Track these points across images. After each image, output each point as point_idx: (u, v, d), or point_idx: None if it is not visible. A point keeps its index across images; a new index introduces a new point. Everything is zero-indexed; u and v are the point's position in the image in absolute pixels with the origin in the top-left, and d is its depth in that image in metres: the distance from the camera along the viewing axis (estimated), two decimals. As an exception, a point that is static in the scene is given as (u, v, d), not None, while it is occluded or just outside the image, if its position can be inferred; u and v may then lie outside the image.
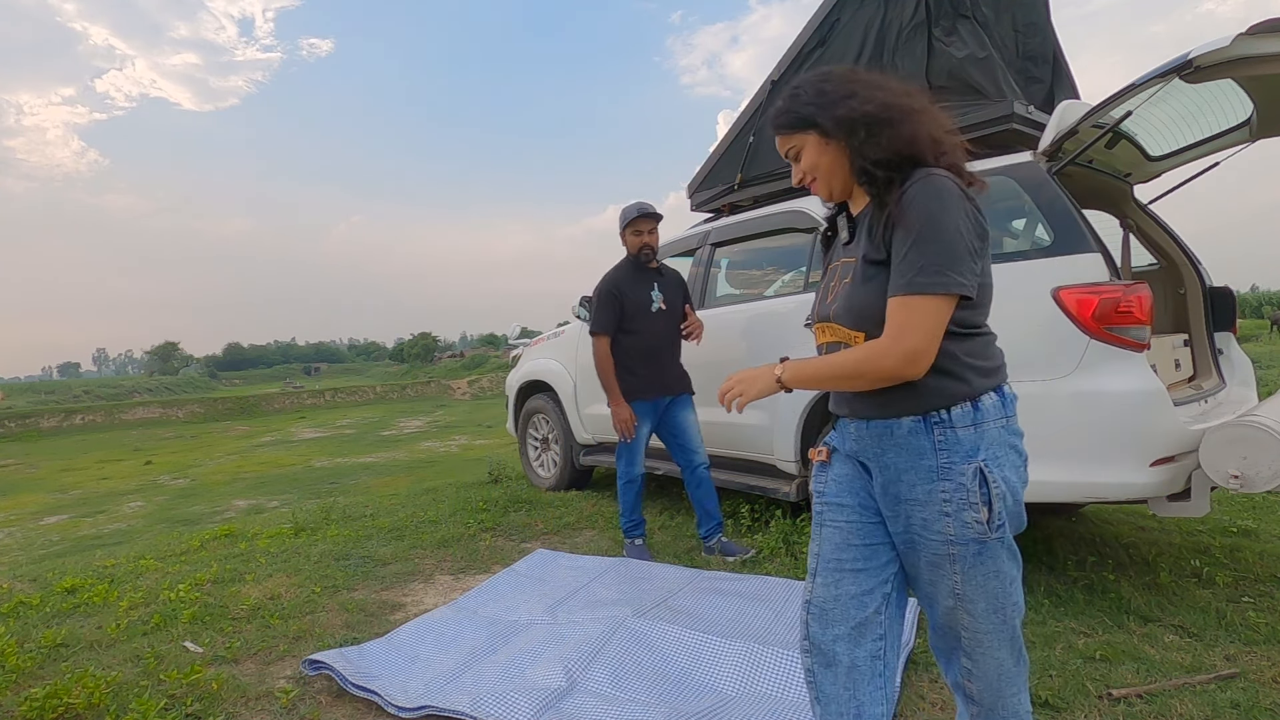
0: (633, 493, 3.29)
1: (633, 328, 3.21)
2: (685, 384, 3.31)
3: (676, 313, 3.30)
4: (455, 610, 2.68)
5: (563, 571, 3.07)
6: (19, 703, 2.00)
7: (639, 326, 3.21)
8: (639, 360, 3.21)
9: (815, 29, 3.40)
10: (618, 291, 3.22)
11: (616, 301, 3.21)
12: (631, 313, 3.21)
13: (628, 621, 2.40)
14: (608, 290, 3.24)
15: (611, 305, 3.21)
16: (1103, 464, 2.28)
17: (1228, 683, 1.91)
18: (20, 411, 25.95)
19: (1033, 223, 2.85)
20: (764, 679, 2.03)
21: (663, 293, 3.26)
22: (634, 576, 2.92)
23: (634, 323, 3.21)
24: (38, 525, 7.89)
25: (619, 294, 3.22)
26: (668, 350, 3.27)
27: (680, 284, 3.39)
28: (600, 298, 3.25)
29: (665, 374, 3.25)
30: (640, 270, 3.28)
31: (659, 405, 3.26)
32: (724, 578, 2.86)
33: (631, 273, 3.28)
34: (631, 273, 3.28)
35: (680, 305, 3.33)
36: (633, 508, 3.31)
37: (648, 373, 3.21)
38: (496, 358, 54.43)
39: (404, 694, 2.01)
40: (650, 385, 3.22)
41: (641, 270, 3.28)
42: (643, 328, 3.22)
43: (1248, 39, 1.99)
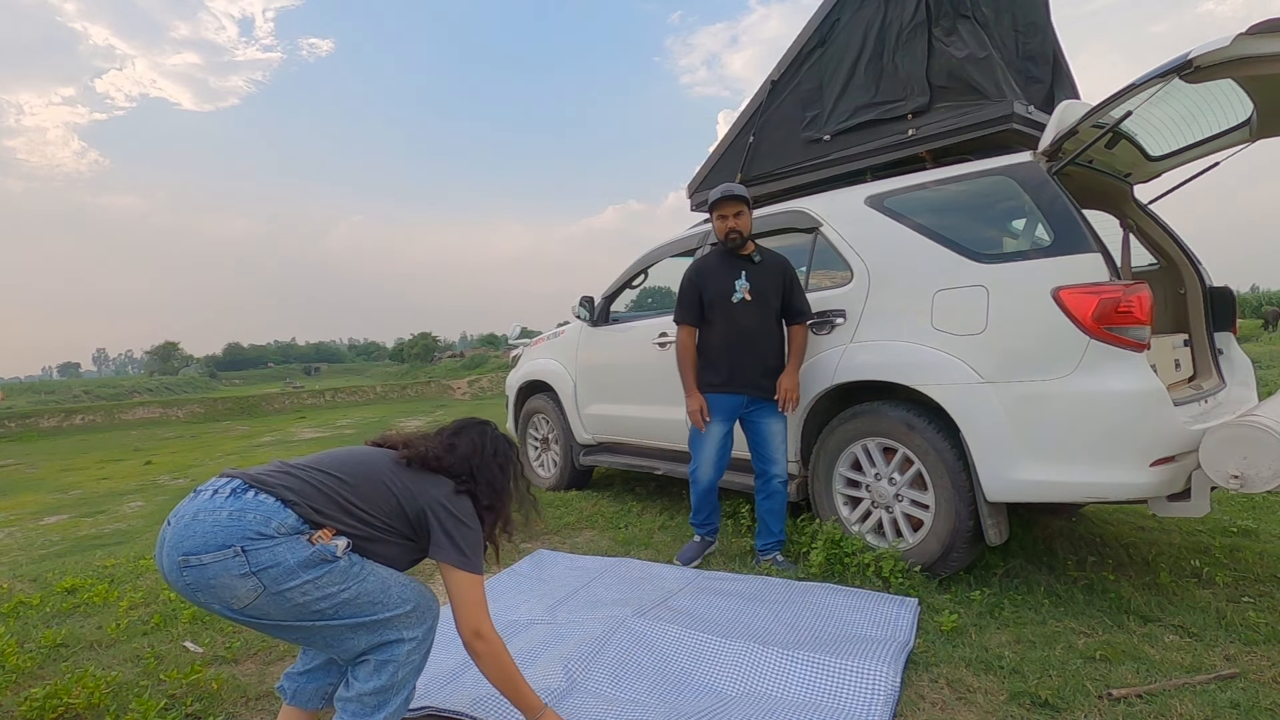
0: (698, 492, 3.10)
1: (712, 318, 3.00)
2: (774, 388, 2.98)
3: (768, 304, 2.97)
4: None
5: (562, 571, 3.05)
6: (19, 703, 2.00)
7: (717, 317, 2.98)
8: (717, 354, 2.99)
9: (815, 29, 3.40)
10: (696, 279, 3.04)
11: (694, 290, 3.02)
12: (710, 302, 2.99)
13: (628, 621, 2.39)
14: (686, 278, 3.08)
15: (689, 293, 3.03)
16: (1103, 464, 2.28)
17: (1228, 683, 1.91)
18: (20, 411, 25.93)
19: (1033, 223, 2.85)
20: (764, 679, 2.02)
21: (750, 282, 2.95)
22: (634, 577, 2.91)
23: (713, 313, 2.99)
24: (38, 525, 7.89)
25: (697, 282, 3.03)
26: (753, 345, 2.95)
27: (779, 273, 3.00)
28: (680, 286, 3.10)
29: (746, 371, 2.95)
30: (728, 257, 3.02)
31: (736, 403, 2.99)
32: (724, 578, 2.85)
33: (716, 259, 3.06)
34: (716, 259, 3.06)
35: (775, 297, 2.98)
36: (698, 506, 3.13)
37: (726, 367, 2.96)
38: (496, 358, 54.44)
39: None
40: (729, 380, 2.97)
41: (729, 257, 3.02)
42: (721, 318, 2.98)
43: (1248, 39, 1.99)
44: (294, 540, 1.41)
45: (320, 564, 1.41)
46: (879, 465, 2.87)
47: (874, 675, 1.94)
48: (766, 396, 2.97)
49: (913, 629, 2.27)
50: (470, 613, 1.55)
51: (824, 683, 1.97)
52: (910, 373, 2.67)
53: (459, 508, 1.60)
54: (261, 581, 1.36)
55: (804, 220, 3.20)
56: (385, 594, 1.51)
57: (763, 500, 3.02)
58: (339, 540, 1.46)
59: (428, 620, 1.60)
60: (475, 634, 1.55)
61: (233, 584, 1.36)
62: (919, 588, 2.58)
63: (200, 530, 1.37)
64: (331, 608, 1.43)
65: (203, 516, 1.39)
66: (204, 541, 1.36)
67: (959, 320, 2.57)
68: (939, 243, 2.69)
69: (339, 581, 1.43)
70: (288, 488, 1.47)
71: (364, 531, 1.52)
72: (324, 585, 1.42)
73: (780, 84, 3.56)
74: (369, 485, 1.55)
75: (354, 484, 1.54)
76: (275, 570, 1.37)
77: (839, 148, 3.30)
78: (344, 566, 1.45)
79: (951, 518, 2.59)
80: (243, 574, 1.35)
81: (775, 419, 2.99)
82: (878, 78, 3.16)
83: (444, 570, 1.57)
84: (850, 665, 2.00)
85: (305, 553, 1.40)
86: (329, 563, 1.43)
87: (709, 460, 3.04)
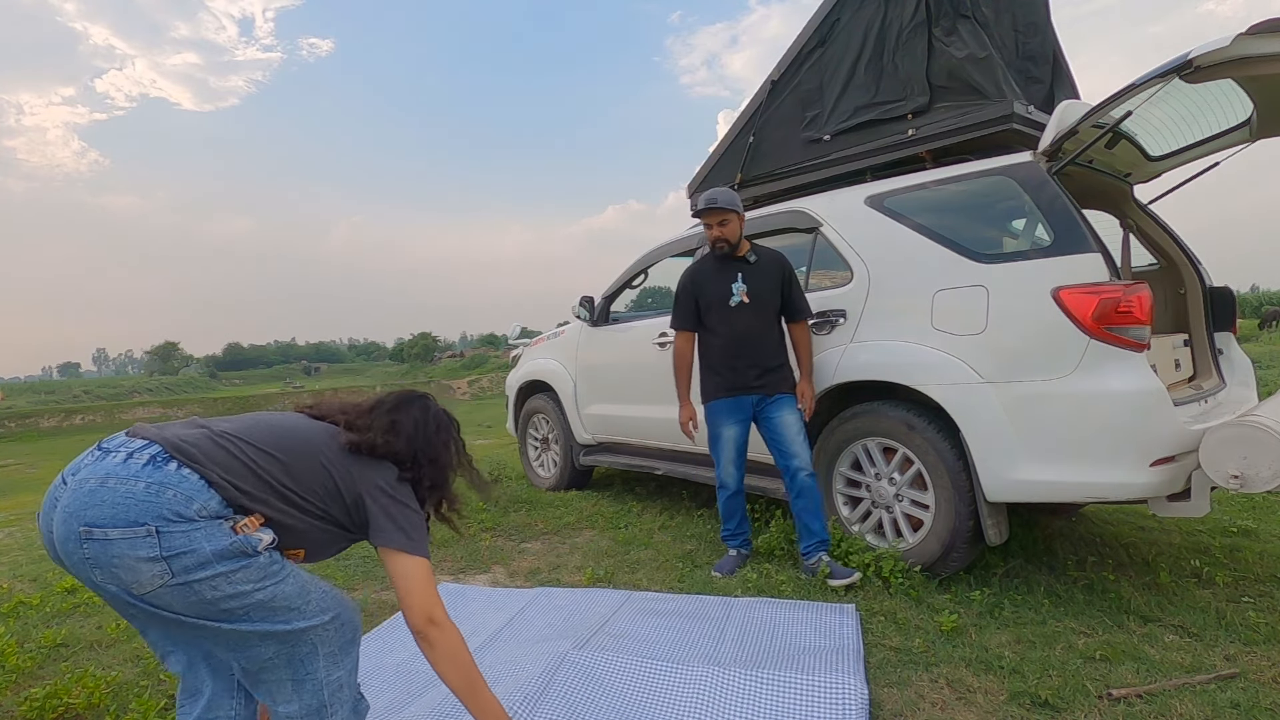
0: (723, 498, 3.02)
1: (710, 323, 2.98)
2: (780, 383, 2.94)
3: (765, 305, 2.93)
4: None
5: (477, 609, 2.72)
6: (19, 703, 2.00)
7: (715, 322, 2.96)
8: (720, 358, 2.95)
9: (815, 29, 3.41)
10: (691, 285, 3.02)
11: (689, 296, 3.01)
12: (707, 307, 2.97)
13: (569, 656, 2.17)
14: (681, 284, 3.07)
15: (684, 300, 3.02)
16: (1103, 464, 2.28)
17: (1228, 683, 1.91)
18: (20, 411, 25.92)
19: (1033, 223, 2.85)
20: (730, 704, 1.89)
21: (747, 284, 2.92)
22: (560, 605, 2.68)
23: (710, 318, 2.97)
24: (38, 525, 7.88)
25: (692, 288, 3.01)
26: (754, 346, 2.91)
27: (776, 271, 2.95)
28: (676, 292, 3.08)
29: (750, 371, 2.91)
30: (722, 261, 2.98)
31: (744, 404, 2.93)
32: (658, 598, 2.72)
33: (711, 264, 3.02)
34: (711, 264, 3.02)
35: (773, 296, 2.93)
36: (726, 515, 3.04)
37: (729, 370, 2.92)
38: (496, 358, 54.36)
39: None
40: (731, 384, 2.93)
41: (723, 261, 2.98)
42: (719, 323, 2.95)
43: (1248, 39, 2.00)
44: (214, 526, 1.24)
45: (238, 556, 1.25)
46: (879, 465, 2.87)
47: (843, 689, 1.90)
48: (774, 391, 2.92)
49: (859, 636, 2.24)
50: (420, 598, 1.39)
51: (793, 702, 1.88)
52: (910, 373, 2.67)
53: (400, 493, 1.47)
54: (170, 568, 1.20)
55: (804, 220, 3.20)
56: (304, 600, 1.34)
57: (795, 499, 2.87)
58: (264, 533, 1.31)
59: (347, 633, 1.44)
60: (428, 620, 1.38)
61: (137, 567, 1.18)
62: (919, 587, 2.58)
63: (110, 499, 1.19)
64: (241, 609, 1.27)
65: (113, 484, 1.21)
66: (113, 514, 1.18)
67: (959, 320, 2.57)
68: (939, 243, 2.69)
69: (254, 579, 1.27)
70: (215, 463, 1.30)
71: (295, 517, 1.37)
72: (237, 581, 1.25)
73: (780, 84, 3.56)
74: (304, 465, 1.40)
75: (288, 463, 1.38)
76: (187, 558, 1.21)
77: (839, 148, 3.30)
78: (263, 563, 1.29)
79: (951, 518, 2.59)
80: (151, 557, 1.19)
81: (788, 411, 2.90)
82: (878, 78, 3.16)
83: (387, 557, 1.42)
84: (817, 680, 1.95)
85: (225, 542, 1.24)
86: (248, 557, 1.27)
87: (730, 461, 2.97)
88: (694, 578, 2.94)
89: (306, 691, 1.35)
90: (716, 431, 2.98)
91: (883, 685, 1.99)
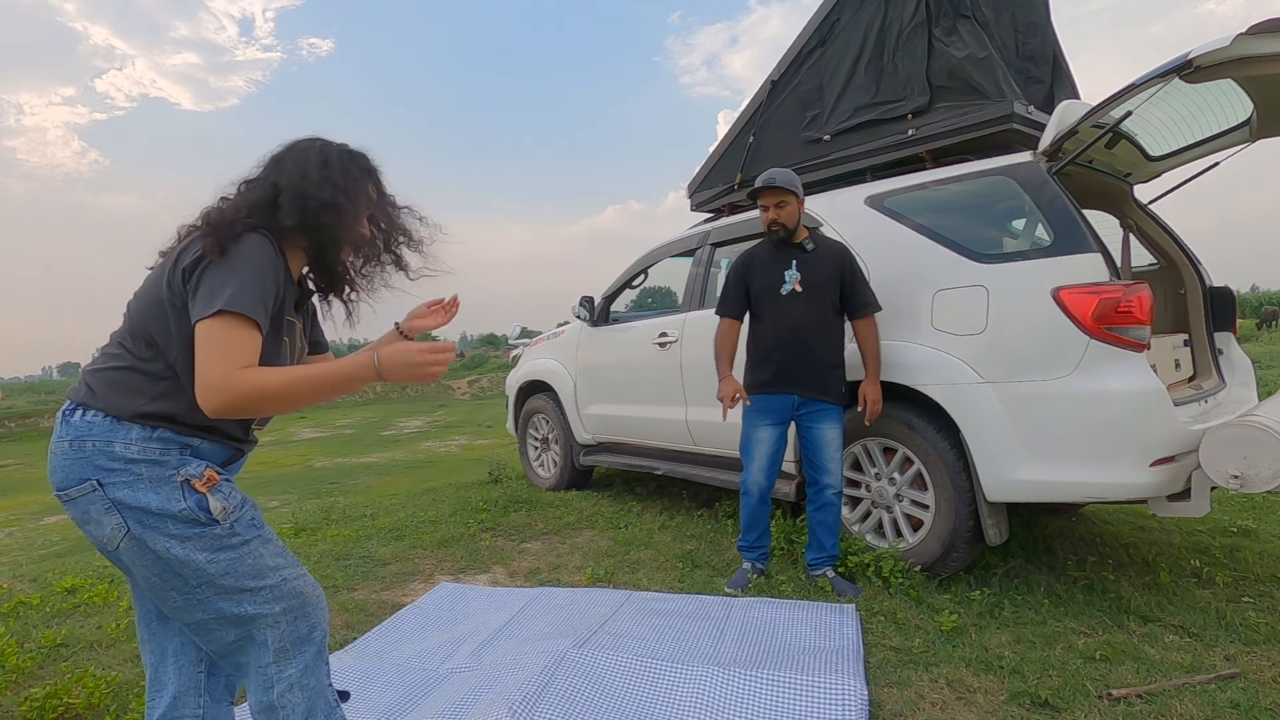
0: (748, 506, 2.82)
1: (760, 312, 2.81)
2: (829, 388, 2.73)
3: (821, 296, 2.72)
4: (356, 657, 2.32)
5: (477, 608, 2.71)
6: (19, 703, 2.00)
7: (764, 310, 2.78)
8: (767, 349, 2.77)
9: (815, 29, 3.41)
10: (743, 270, 2.85)
11: (740, 282, 2.84)
12: (758, 295, 2.80)
13: (569, 654, 2.17)
14: (732, 269, 2.91)
15: (733, 286, 2.85)
16: (1103, 464, 2.28)
17: (1228, 683, 1.91)
18: (20, 411, 25.94)
19: (1033, 223, 2.85)
20: (730, 704, 1.89)
21: (801, 272, 2.73)
22: (561, 605, 2.68)
23: (760, 306, 2.80)
24: (38, 525, 7.88)
25: (744, 273, 2.84)
26: (804, 341, 2.72)
27: (836, 261, 2.76)
28: (726, 277, 2.92)
29: (799, 369, 2.72)
30: (777, 247, 2.81)
31: (787, 404, 2.74)
32: (658, 598, 2.72)
33: (766, 249, 2.85)
34: (766, 249, 2.85)
35: (830, 288, 2.73)
36: (748, 524, 2.84)
37: (776, 364, 2.74)
38: (496, 358, 54.43)
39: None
40: (776, 379, 2.74)
41: (778, 247, 2.81)
42: (769, 312, 2.77)
43: (1248, 39, 2.00)
44: (159, 473, 1.17)
45: (190, 522, 1.18)
46: (879, 465, 2.87)
47: (843, 689, 1.91)
48: (820, 397, 2.72)
49: (859, 636, 2.25)
50: (207, 367, 1.10)
51: (793, 702, 1.88)
52: (910, 373, 2.67)
53: (229, 253, 1.17)
54: (124, 521, 1.16)
55: (804, 220, 3.20)
56: (258, 582, 1.22)
57: (814, 511, 2.77)
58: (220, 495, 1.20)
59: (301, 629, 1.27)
60: (212, 388, 1.10)
61: (100, 520, 1.17)
62: (919, 587, 2.58)
63: (56, 464, 1.19)
64: (195, 580, 1.19)
65: (55, 448, 1.20)
66: (64, 477, 1.18)
67: (959, 320, 2.57)
68: (939, 243, 2.69)
69: (207, 549, 1.18)
70: (99, 390, 1.20)
71: (165, 376, 1.20)
72: (191, 549, 1.17)
73: (780, 84, 3.56)
74: (146, 313, 1.21)
75: (134, 322, 1.23)
76: (138, 511, 1.16)
77: (839, 148, 3.30)
78: (218, 534, 1.19)
79: (951, 518, 2.59)
80: (105, 508, 1.16)
81: (830, 424, 2.72)
82: (878, 78, 3.16)
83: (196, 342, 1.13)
84: (817, 681, 1.95)
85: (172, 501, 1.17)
86: (200, 525, 1.18)
87: (760, 468, 2.77)
88: (694, 578, 2.94)
89: (255, 686, 1.25)
90: (751, 431, 2.79)
91: (883, 685, 1.99)
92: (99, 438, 1.17)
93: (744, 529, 2.87)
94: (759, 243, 2.94)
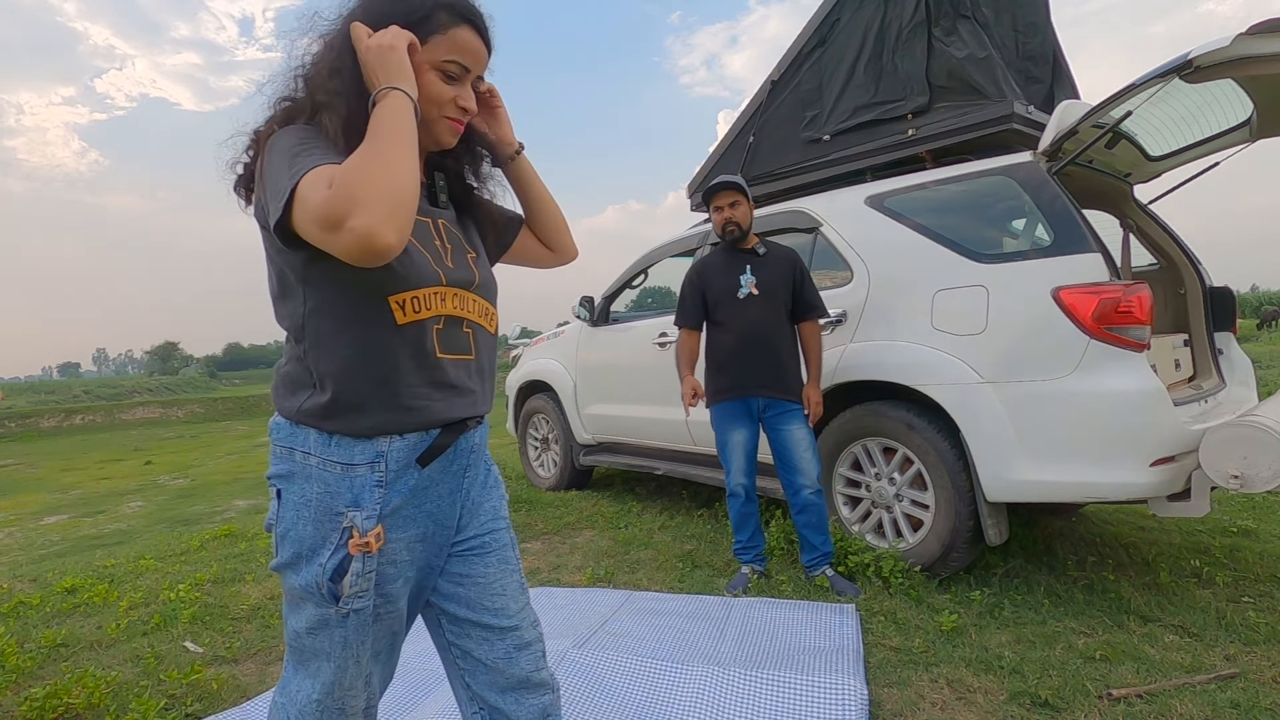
0: (734, 508, 2.86)
1: (718, 318, 2.82)
2: (791, 387, 2.77)
3: (776, 299, 2.77)
4: None
5: None
6: (19, 703, 2.00)
7: (723, 316, 2.80)
8: (726, 355, 2.80)
9: (815, 29, 3.41)
10: (697, 279, 2.87)
11: (695, 289, 2.86)
12: (715, 301, 2.81)
13: (569, 654, 2.18)
14: (687, 279, 2.92)
15: (689, 294, 2.87)
16: (1103, 464, 2.28)
17: (1228, 683, 1.91)
18: (20, 411, 25.94)
19: (1033, 223, 2.85)
20: (730, 704, 1.88)
21: (756, 276, 2.77)
22: (560, 605, 2.69)
23: (718, 312, 2.81)
24: (38, 525, 7.88)
25: (699, 283, 2.86)
26: (764, 343, 2.75)
27: (787, 266, 2.82)
28: (682, 287, 2.94)
29: (762, 370, 2.75)
30: (730, 252, 2.85)
31: (752, 407, 2.78)
32: (658, 598, 2.72)
33: (720, 256, 2.88)
34: (720, 256, 2.88)
35: (783, 291, 2.78)
36: (738, 524, 2.87)
37: (737, 369, 2.77)
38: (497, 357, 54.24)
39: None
40: (739, 383, 2.77)
41: (732, 252, 2.84)
42: (728, 317, 2.78)
43: (1248, 39, 2.00)
44: (320, 497, 0.99)
45: (311, 593, 0.98)
46: (879, 465, 2.87)
47: (843, 689, 1.91)
48: (785, 397, 2.75)
49: (859, 636, 2.25)
50: (314, 210, 0.83)
51: (793, 702, 1.88)
52: (910, 373, 2.67)
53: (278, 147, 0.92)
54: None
55: (804, 220, 3.21)
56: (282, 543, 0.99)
57: (797, 515, 2.78)
58: (355, 575, 0.97)
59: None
60: (336, 222, 0.81)
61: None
62: (919, 587, 2.58)
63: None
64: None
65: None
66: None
67: (959, 320, 2.57)
68: (939, 243, 2.69)
69: (307, 623, 1.00)
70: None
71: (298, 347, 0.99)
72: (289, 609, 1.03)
73: (780, 84, 3.56)
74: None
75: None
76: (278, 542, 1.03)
77: (839, 148, 3.30)
78: (330, 618, 0.98)
79: (951, 518, 2.59)
80: (270, 522, 1.06)
81: (797, 424, 2.75)
82: (877, 78, 3.16)
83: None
84: (817, 681, 1.95)
85: (307, 560, 0.98)
86: (321, 604, 0.98)
87: (740, 469, 2.81)
88: (694, 578, 2.94)
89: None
90: (725, 436, 2.83)
91: (883, 685, 1.99)
92: (277, 441, 1.01)
93: (735, 530, 2.90)
94: (711, 251, 3.00)
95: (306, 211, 0.84)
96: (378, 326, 0.95)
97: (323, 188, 0.83)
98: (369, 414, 0.95)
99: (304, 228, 0.85)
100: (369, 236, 0.80)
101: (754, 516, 2.89)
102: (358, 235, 0.80)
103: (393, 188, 0.84)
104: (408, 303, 0.96)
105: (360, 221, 0.80)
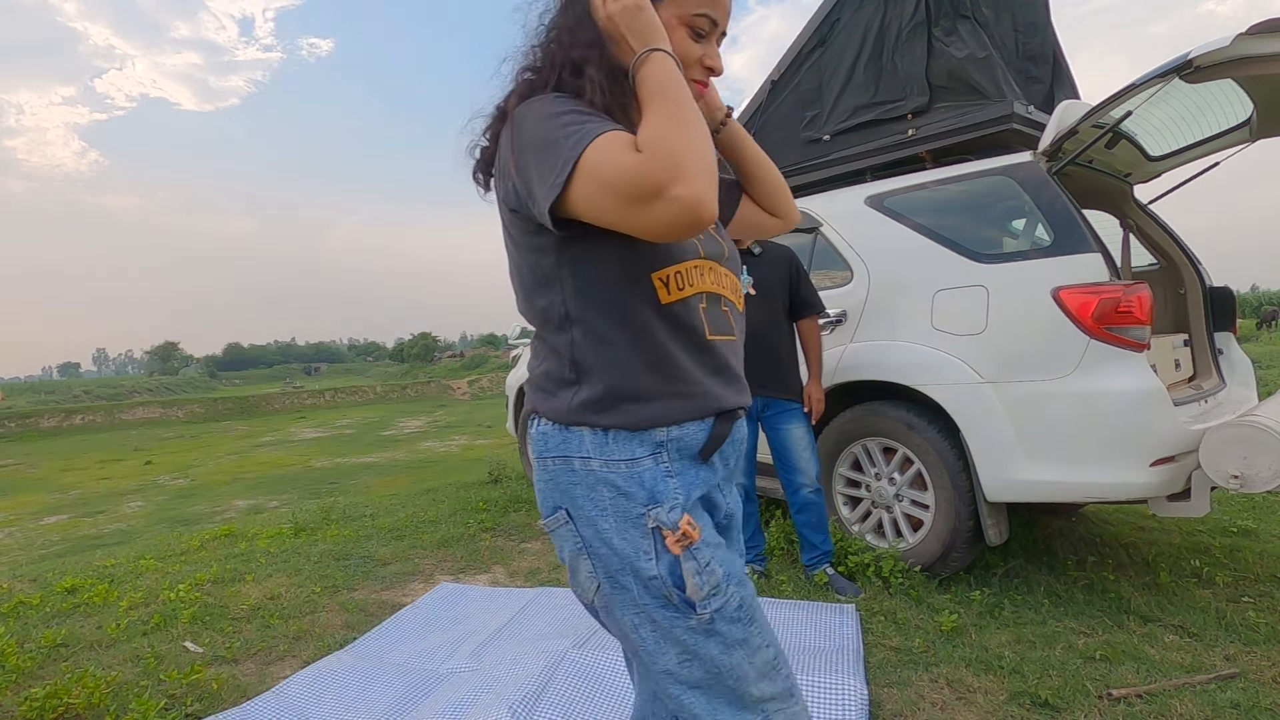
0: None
1: None
2: (790, 386, 2.77)
3: (773, 298, 2.77)
4: (356, 657, 2.33)
5: (477, 608, 2.70)
6: (19, 703, 2.00)
7: None
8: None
9: (815, 29, 3.41)
10: None
11: None
12: None
13: (569, 655, 2.17)
14: None
15: None
16: (1103, 464, 2.28)
17: (1228, 683, 1.91)
18: (20, 411, 25.95)
19: (1033, 223, 2.85)
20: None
21: (753, 275, 2.75)
22: (561, 605, 2.66)
23: None
24: (38, 525, 7.89)
25: None
26: (765, 342, 2.73)
27: (784, 264, 2.80)
28: None
29: (761, 370, 2.73)
30: None
31: (754, 406, 2.76)
32: None
33: None
34: None
35: (781, 289, 2.79)
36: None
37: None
38: (496, 358, 54.38)
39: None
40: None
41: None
42: None
43: (1248, 39, 2.00)
44: (624, 504, 0.88)
45: (658, 595, 0.89)
46: (879, 465, 2.87)
47: (843, 689, 1.91)
48: (784, 396, 2.76)
49: (859, 636, 2.25)
50: (630, 175, 0.75)
51: None
52: (910, 373, 2.67)
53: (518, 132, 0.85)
54: (593, 566, 0.93)
55: (804, 220, 3.20)
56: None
57: (796, 514, 2.78)
58: (697, 563, 0.86)
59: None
60: (660, 191, 0.73)
61: (574, 566, 0.94)
62: (919, 587, 2.58)
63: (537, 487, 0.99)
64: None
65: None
66: (540, 501, 0.96)
67: (959, 320, 2.57)
68: (939, 243, 2.69)
69: (680, 632, 0.89)
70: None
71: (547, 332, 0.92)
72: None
73: (780, 84, 3.56)
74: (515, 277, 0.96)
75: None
76: (604, 552, 0.91)
77: (839, 148, 3.30)
78: (693, 626, 0.88)
79: (951, 518, 2.59)
80: (575, 549, 0.93)
81: (796, 423, 2.75)
82: (877, 78, 3.16)
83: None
84: (817, 681, 1.95)
85: (637, 552, 0.89)
86: (672, 607, 0.89)
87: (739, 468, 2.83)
88: (694, 578, 2.93)
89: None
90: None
91: (883, 685, 1.99)
92: (545, 450, 0.91)
93: None
94: None
95: (604, 182, 0.76)
96: (644, 308, 0.86)
97: (626, 155, 0.75)
98: (646, 403, 0.86)
99: (593, 201, 0.77)
100: (697, 205, 0.73)
101: (754, 516, 2.88)
102: (685, 204, 0.73)
103: (706, 153, 0.77)
104: (671, 279, 0.87)
105: (686, 189, 0.72)
